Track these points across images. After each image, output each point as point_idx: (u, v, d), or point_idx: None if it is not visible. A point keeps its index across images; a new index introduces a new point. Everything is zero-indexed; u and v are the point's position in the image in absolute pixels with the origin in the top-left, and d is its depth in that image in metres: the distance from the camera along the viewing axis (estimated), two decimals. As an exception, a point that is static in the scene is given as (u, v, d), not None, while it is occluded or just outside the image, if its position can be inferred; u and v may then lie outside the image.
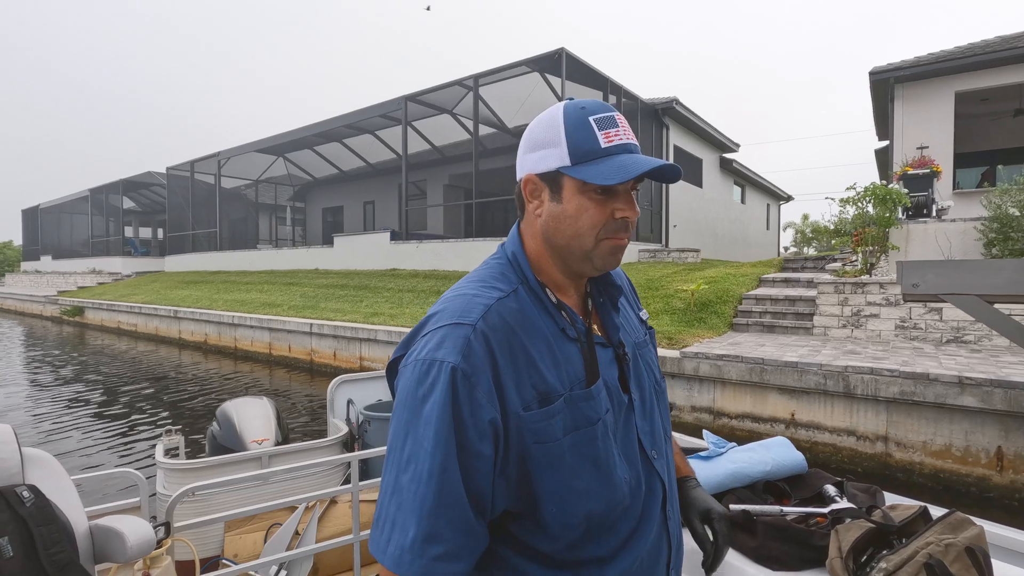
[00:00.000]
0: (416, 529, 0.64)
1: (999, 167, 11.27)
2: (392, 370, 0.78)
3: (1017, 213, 6.46)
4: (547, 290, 0.79)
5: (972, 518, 1.01)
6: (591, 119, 0.74)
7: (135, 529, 1.39)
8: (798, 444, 5.10)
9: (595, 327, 0.84)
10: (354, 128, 16.38)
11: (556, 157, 0.75)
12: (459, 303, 0.75)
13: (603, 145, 0.73)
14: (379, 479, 2.50)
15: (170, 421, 6.54)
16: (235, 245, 21.47)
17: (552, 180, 0.76)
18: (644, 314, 0.98)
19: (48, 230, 31.62)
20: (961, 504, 4.24)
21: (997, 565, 0.96)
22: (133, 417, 6.87)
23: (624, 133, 0.75)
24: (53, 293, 22.49)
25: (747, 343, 6.32)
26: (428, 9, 28.90)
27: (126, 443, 5.88)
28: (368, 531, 2.53)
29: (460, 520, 0.66)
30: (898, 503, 1.15)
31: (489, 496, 0.69)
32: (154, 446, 3.16)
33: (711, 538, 0.90)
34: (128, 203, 27.19)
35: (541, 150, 0.77)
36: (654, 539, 0.80)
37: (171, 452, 2.88)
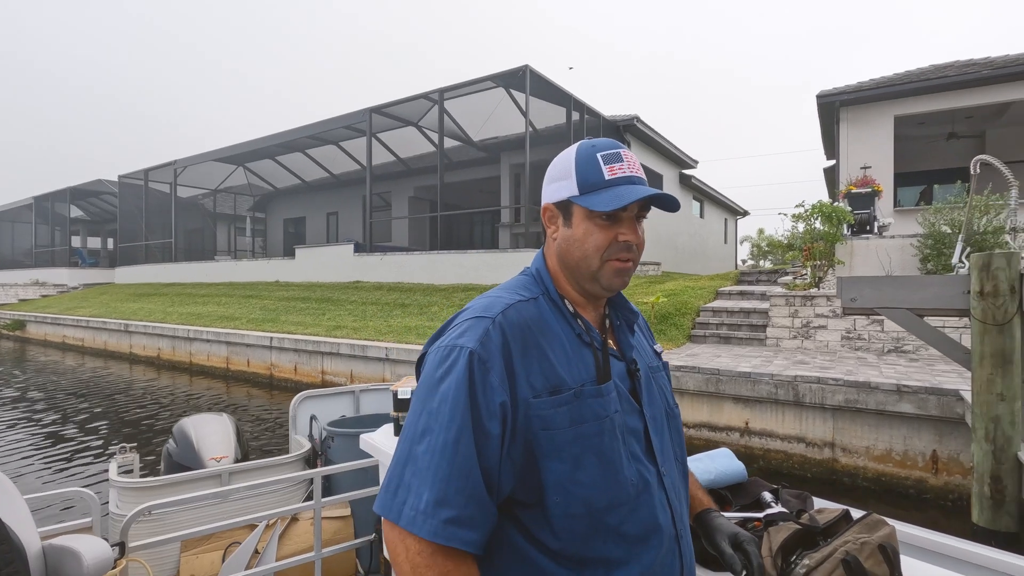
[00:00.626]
0: (429, 493, 0.71)
1: (936, 186, 12.02)
2: (420, 362, 0.87)
3: (949, 231, 6.91)
4: (566, 301, 0.89)
5: (886, 519, 1.12)
6: (599, 155, 0.85)
7: (90, 548, 1.38)
8: (752, 452, 5.31)
9: (611, 342, 0.92)
10: (317, 139, 16.21)
11: (567, 188, 0.86)
12: (484, 302, 0.85)
13: (607, 177, 0.84)
14: (342, 495, 2.51)
15: (124, 439, 6.30)
16: (191, 256, 20.82)
17: (564, 208, 0.88)
18: (659, 347, 1.06)
19: (-14, 239, 29.98)
20: (900, 506, 4.49)
21: (906, 560, 1.07)
22: (83, 436, 6.58)
23: (629, 167, 0.85)
24: (-8, 306, 21.30)
25: (704, 354, 6.53)
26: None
27: (76, 463, 5.63)
28: (329, 548, 2.52)
29: (471, 490, 0.72)
30: (825, 507, 1.25)
31: (497, 474, 0.75)
32: (106, 465, 3.07)
33: (743, 561, 0.92)
34: (76, 211, 26.06)
35: (557, 182, 0.88)
36: (665, 554, 0.83)
37: (125, 471, 2.81)
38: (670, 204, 0.85)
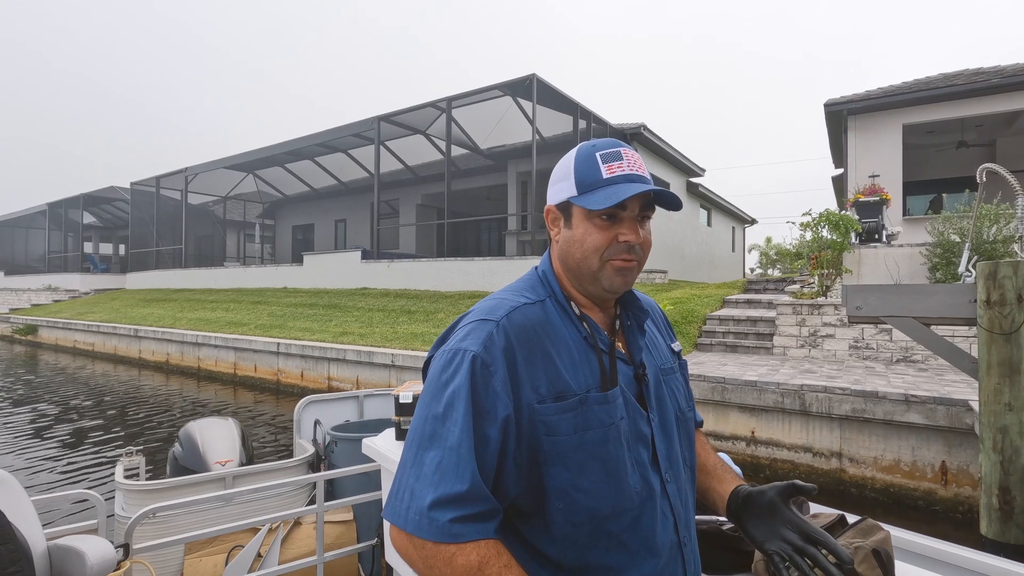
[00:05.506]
0: (433, 496, 0.71)
1: (945, 195, 11.94)
2: (427, 366, 0.86)
3: (957, 239, 6.86)
4: (572, 303, 0.88)
5: (881, 524, 1.12)
6: (597, 154, 0.84)
7: (95, 548, 1.40)
8: (759, 461, 5.27)
9: (619, 345, 0.89)
10: (326, 146, 16.36)
11: (567, 189, 0.86)
12: (489, 304, 0.85)
13: (604, 176, 0.82)
14: (344, 500, 2.52)
15: (131, 443, 6.35)
16: (201, 262, 21.04)
17: (565, 209, 0.87)
18: (677, 346, 1.03)
19: (1, 245, 30.44)
20: (909, 518, 4.43)
21: (900, 566, 1.07)
22: (90, 439, 6.64)
23: (629, 165, 0.83)
24: (5, 311, 21.57)
25: (710, 362, 6.50)
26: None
27: (83, 465, 5.68)
28: (332, 552, 2.53)
29: (474, 491, 0.72)
30: (820, 512, 1.25)
31: (500, 477, 0.75)
32: (113, 468, 3.10)
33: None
34: (88, 218, 26.44)
35: (558, 184, 0.88)
36: (667, 563, 0.82)
37: (131, 473, 2.84)
38: (672, 202, 0.83)
